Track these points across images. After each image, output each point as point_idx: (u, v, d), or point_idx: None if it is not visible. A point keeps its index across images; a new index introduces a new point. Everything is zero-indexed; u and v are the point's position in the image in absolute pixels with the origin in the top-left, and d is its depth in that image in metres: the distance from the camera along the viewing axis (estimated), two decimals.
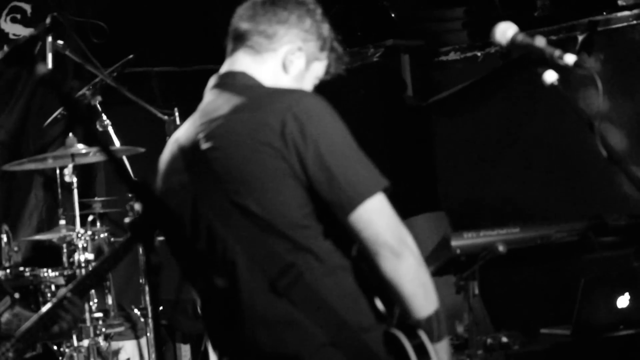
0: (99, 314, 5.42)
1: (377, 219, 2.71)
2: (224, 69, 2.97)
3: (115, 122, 5.91)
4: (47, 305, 3.85)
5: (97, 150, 5.44)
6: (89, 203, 6.00)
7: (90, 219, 5.67)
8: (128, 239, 4.04)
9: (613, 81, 5.89)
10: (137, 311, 5.82)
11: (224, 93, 2.88)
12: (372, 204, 2.70)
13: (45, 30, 5.54)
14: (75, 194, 5.59)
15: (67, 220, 5.75)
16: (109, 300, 5.70)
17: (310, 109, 2.74)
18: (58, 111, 6.08)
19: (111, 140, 5.83)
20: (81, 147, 5.54)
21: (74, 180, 5.57)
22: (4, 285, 4.38)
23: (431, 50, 6.92)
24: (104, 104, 5.90)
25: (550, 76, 2.74)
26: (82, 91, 5.86)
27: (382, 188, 2.74)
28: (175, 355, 6.39)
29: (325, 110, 2.77)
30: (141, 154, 5.79)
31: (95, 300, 5.43)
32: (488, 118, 6.62)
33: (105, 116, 5.86)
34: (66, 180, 5.61)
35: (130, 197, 5.06)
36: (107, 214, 6.23)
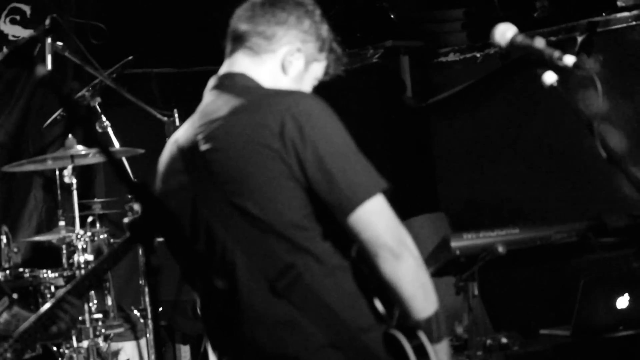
0: (99, 315, 5.42)
1: (377, 220, 2.70)
2: (223, 70, 2.97)
3: (115, 123, 5.92)
4: (45, 306, 3.85)
5: (97, 151, 5.44)
6: (88, 204, 6.00)
7: (89, 220, 5.68)
8: (126, 240, 4.04)
9: (612, 82, 5.89)
10: (136, 312, 5.82)
11: (223, 94, 2.87)
12: (371, 206, 2.70)
13: (44, 31, 5.54)
14: (75, 195, 5.59)
15: (66, 222, 5.75)
16: (109, 301, 5.70)
17: (309, 111, 2.74)
18: (57, 112, 6.09)
19: (111, 142, 5.83)
20: (81, 148, 5.55)
21: (74, 181, 5.58)
22: (2, 286, 4.37)
23: (430, 51, 6.92)
24: (103, 105, 5.90)
25: (549, 77, 2.74)
26: (81, 92, 5.87)
27: (381, 189, 2.73)
28: (175, 356, 6.40)
29: (325, 112, 2.76)
30: (140, 155, 5.79)
31: (95, 301, 5.43)
32: (487, 119, 6.62)
33: (104, 117, 5.86)
34: (66, 181, 5.61)
35: (130, 198, 5.06)
36: (107, 215, 6.23)
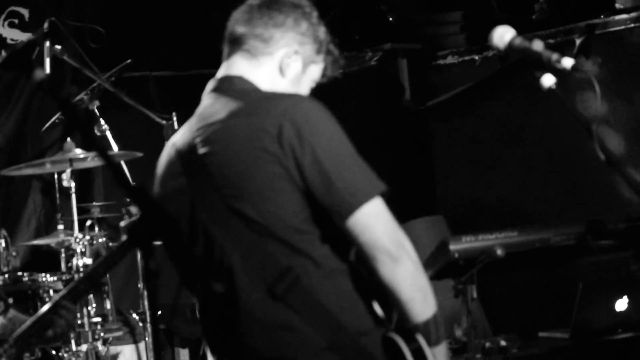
0: (98, 319, 5.41)
1: (375, 223, 2.70)
2: (220, 73, 2.97)
3: (113, 127, 5.91)
4: (40, 311, 3.83)
5: (95, 154, 5.43)
6: (87, 208, 6.00)
7: (88, 223, 5.67)
8: (123, 243, 4.03)
9: (611, 84, 5.88)
10: (135, 316, 5.82)
11: (221, 97, 2.87)
12: (369, 209, 2.70)
13: (43, 35, 5.53)
14: (74, 199, 5.59)
15: (65, 225, 5.74)
16: (108, 304, 5.68)
17: (307, 114, 2.74)
18: (56, 116, 6.08)
19: (109, 145, 5.83)
20: (79, 151, 5.55)
21: (72, 185, 5.57)
22: None
23: (429, 53, 6.92)
24: (101, 109, 5.90)
25: (548, 80, 2.73)
26: (80, 96, 5.87)
27: (380, 192, 2.73)
28: None
29: (323, 115, 2.76)
30: (139, 159, 5.78)
31: (94, 304, 5.42)
32: (486, 121, 6.61)
33: (103, 121, 5.86)
34: (64, 185, 5.60)
35: (128, 201, 5.06)
36: (106, 219, 6.23)
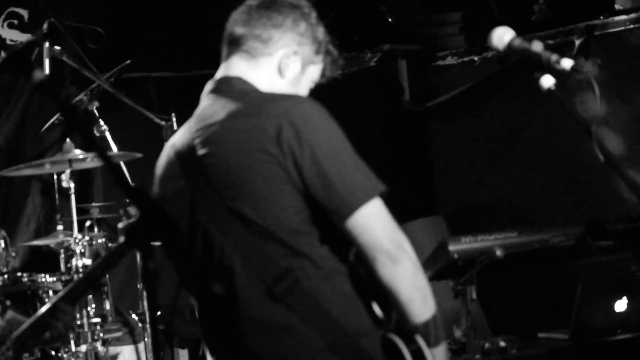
0: (97, 319, 5.40)
1: (374, 224, 2.70)
2: (219, 74, 2.97)
3: (113, 128, 5.91)
4: (37, 313, 3.82)
5: (95, 155, 5.43)
6: (86, 208, 5.99)
7: (87, 224, 5.66)
8: (120, 245, 4.03)
9: (610, 85, 5.89)
10: (134, 316, 5.81)
11: (220, 98, 2.87)
12: (369, 209, 2.70)
13: (42, 36, 5.53)
14: (73, 200, 5.58)
15: (64, 226, 5.74)
16: (107, 305, 5.68)
17: (306, 115, 2.73)
18: (55, 117, 6.08)
19: (108, 146, 5.83)
20: (78, 152, 5.54)
21: (72, 185, 5.57)
22: None
23: (428, 54, 6.92)
24: (101, 110, 5.89)
25: (547, 81, 2.73)
26: (79, 97, 5.86)
27: (379, 193, 2.73)
28: None
29: (322, 116, 2.76)
30: (138, 160, 5.78)
31: (93, 305, 5.42)
32: (485, 122, 6.62)
33: (102, 121, 5.86)
34: (64, 185, 5.60)
35: (128, 202, 5.05)
36: (105, 220, 6.23)
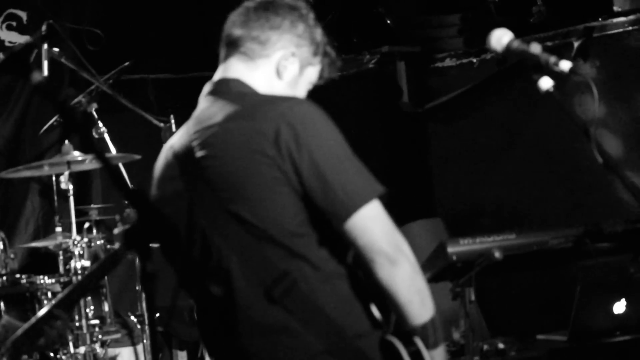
0: (96, 321, 5.41)
1: (373, 226, 2.70)
2: (217, 75, 2.96)
3: (111, 129, 5.92)
4: (32, 320, 3.81)
5: (93, 157, 5.41)
6: (85, 210, 5.99)
7: (86, 226, 5.67)
8: (116, 251, 4.03)
9: (609, 87, 5.89)
10: (133, 318, 5.82)
11: (219, 100, 2.87)
12: (367, 211, 2.69)
13: (41, 37, 5.53)
14: (72, 201, 5.59)
15: (63, 228, 5.74)
16: (106, 307, 5.68)
17: (304, 117, 2.73)
18: (54, 118, 6.09)
19: (107, 148, 5.83)
20: (77, 154, 5.54)
21: (70, 187, 5.57)
22: None
23: (427, 56, 6.93)
24: (100, 111, 5.90)
25: (545, 83, 2.73)
26: (78, 98, 5.87)
27: (378, 195, 2.73)
28: None
29: (320, 118, 2.76)
30: (137, 161, 5.78)
31: (92, 307, 5.42)
32: (484, 124, 6.62)
33: (101, 123, 5.86)
34: (62, 187, 5.60)
35: (126, 204, 5.05)
36: (104, 221, 6.22)
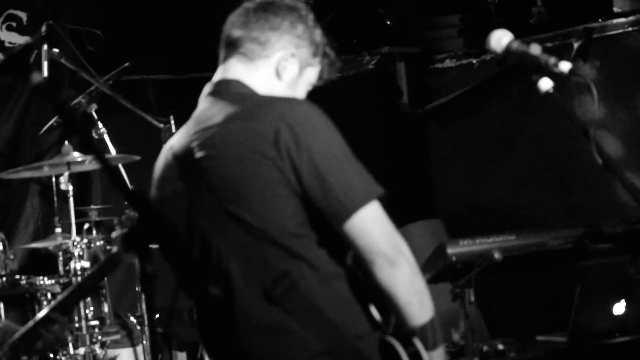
0: (95, 322, 5.41)
1: (372, 227, 2.70)
2: (217, 76, 2.96)
3: (111, 130, 5.92)
4: (29, 323, 3.81)
5: (93, 158, 5.43)
6: (84, 211, 5.99)
7: (86, 227, 5.67)
8: (113, 255, 4.03)
9: (608, 88, 5.89)
10: (133, 319, 5.82)
11: (218, 101, 2.87)
12: (366, 212, 2.69)
13: (41, 38, 5.54)
14: (71, 202, 5.59)
15: (63, 228, 5.74)
16: (105, 308, 5.68)
17: (304, 118, 2.73)
18: (54, 119, 6.09)
19: (107, 148, 5.83)
20: (77, 155, 5.55)
21: (70, 188, 5.57)
22: None
23: (427, 57, 6.92)
24: (99, 112, 5.90)
25: (545, 84, 2.73)
26: (77, 99, 5.87)
27: (377, 196, 2.73)
28: None
29: (320, 119, 2.76)
30: (137, 162, 5.79)
31: (92, 308, 5.42)
32: (484, 125, 6.62)
33: (101, 124, 5.87)
34: (62, 188, 5.60)
35: (126, 205, 5.06)
36: (103, 222, 6.23)
